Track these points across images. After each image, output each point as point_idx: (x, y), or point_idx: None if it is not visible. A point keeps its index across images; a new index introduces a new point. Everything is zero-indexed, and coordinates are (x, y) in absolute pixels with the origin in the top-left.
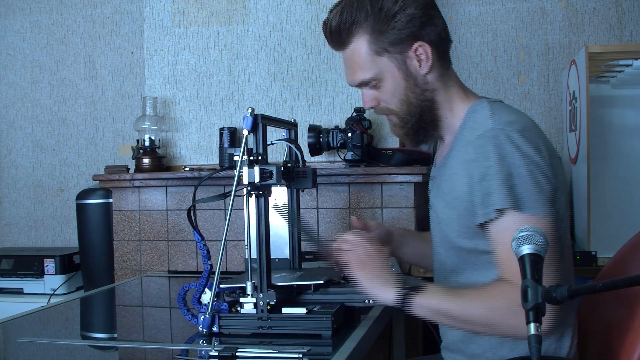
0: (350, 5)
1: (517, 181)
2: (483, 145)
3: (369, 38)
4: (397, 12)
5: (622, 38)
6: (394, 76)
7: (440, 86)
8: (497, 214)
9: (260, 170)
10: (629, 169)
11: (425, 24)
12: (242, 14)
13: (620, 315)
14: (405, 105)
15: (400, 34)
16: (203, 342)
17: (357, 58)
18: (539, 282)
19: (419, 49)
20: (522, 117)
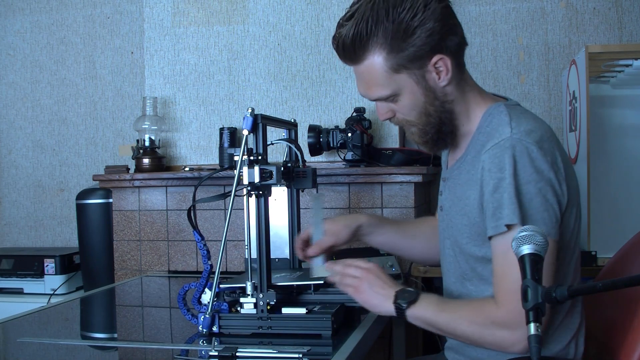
0: (364, 19)
1: (527, 198)
2: (498, 155)
3: (385, 55)
4: (417, 27)
5: (622, 38)
6: (413, 91)
7: (458, 95)
8: (507, 229)
9: (260, 170)
10: (629, 169)
11: (445, 35)
12: (242, 14)
13: (620, 315)
14: (424, 117)
15: (420, 50)
16: (203, 342)
17: (373, 74)
18: (539, 282)
19: (439, 62)
20: (540, 124)
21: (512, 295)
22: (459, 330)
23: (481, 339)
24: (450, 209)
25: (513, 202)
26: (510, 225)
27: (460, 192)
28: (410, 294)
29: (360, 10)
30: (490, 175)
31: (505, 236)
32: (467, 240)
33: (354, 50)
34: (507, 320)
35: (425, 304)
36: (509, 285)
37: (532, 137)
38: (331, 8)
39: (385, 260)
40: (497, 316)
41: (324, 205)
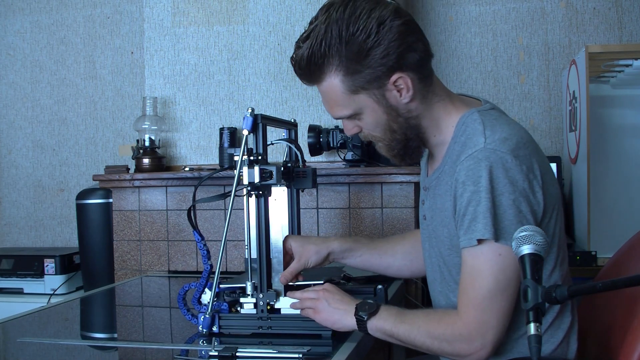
0: (318, 41)
1: (500, 210)
2: (473, 167)
3: (342, 78)
4: (371, 49)
5: (622, 38)
6: (374, 110)
7: (424, 108)
8: (478, 242)
9: (260, 170)
10: (629, 169)
11: (403, 53)
12: (242, 14)
13: (619, 315)
14: (389, 133)
15: (376, 71)
16: (203, 342)
17: (333, 95)
18: (539, 282)
19: (399, 80)
20: (515, 130)
21: (472, 307)
22: (418, 342)
23: (440, 350)
24: (433, 219)
25: (486, 216)
26: (483, 240)
27: (440, 203)
28: (370, 306)
29: (315, 31)
30: (464, 188)
31: (475, 249)
32: (449, 251)
33: (311, 72)
34: (464, 332)
35: (385, 315)
36: (472, 297)
37: (507, 146)
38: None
39: None
40: (455, 327)
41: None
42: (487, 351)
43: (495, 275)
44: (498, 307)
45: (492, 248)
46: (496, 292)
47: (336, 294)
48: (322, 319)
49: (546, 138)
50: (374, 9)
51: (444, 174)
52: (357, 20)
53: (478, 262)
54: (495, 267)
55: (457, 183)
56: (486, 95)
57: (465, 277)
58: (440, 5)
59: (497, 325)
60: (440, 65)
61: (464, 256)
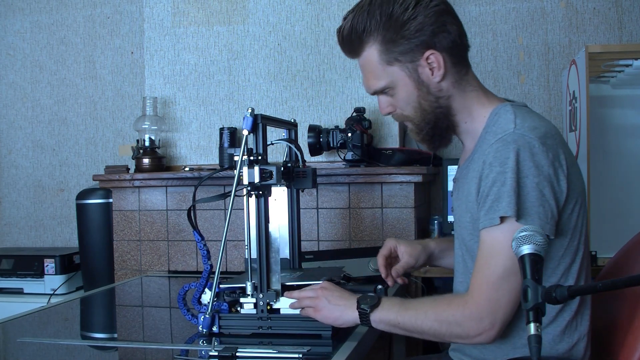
0: (361, 13)
1: (524, 192)
2: (501, 149)
3: (379, 47)
4: (407, 20)
5: (622, 38)
6: (406, 84)
7: (456, 92)
8: (499, 221)
9: (260, 170)
10: (629, 169)
11: (437, 31)
12: (242, 14)
13: (619, 316)
14: (419, 112)
15: (411, 44)
16: (203, 342)
17: (370, 66)
18: (539, 282)
19: (431, 57)
20: (546, 123)
21: (486, 285)
22: (425, 327)
23: (448, 333)
24: (459, 208)
25: (511, 195)
26: (504, 217)
27: (466, 190)
28: (372, 299)
29: (360, 4)
30: (491, 169)
31: (495, 229)
32: (470, 236)
33: (352, 43)
34: (474, 310)
35: (388, 305)
36: (487, 275)
37: (536, 133)
38: (331, 8)
39: None
40: (465, 308)
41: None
42: (495, 331)
43: (511, 255)
44: (511, 287)
45: (511, 227)
46: (511, 271)
47: (335, 291)
48: (323, 316)
49: None
50: None
51: (473, 162)
52: None
53: (497, 241)
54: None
55: (485, 165)
56: None
57: (481, 256)
58: None
59: (507, 305)
60: None
61: (483, 236)
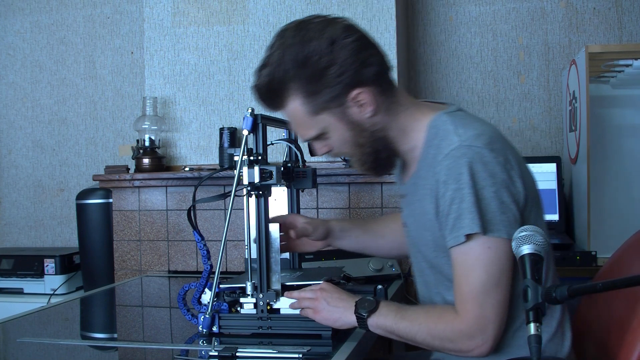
0: (275, 68)
1: (484, 203)
2: (452, 166)
3: (302, 100)
4: (325, 67)
5: (622, 38)
6: (338, 128)
7: (389, 119)
8: (466, 239)
9: (260, 170)
10: (629, 169)
11: (359, 69)
12: (242, 14)
13: (618, 315)
14: (357, 149)
15: (334, 90)
16: (203, 342)
17: (297, 118)
18: (539, 282)
19: (358, 95)
20: (486, 127)
21: (469, 304)
22: (419, 339)
23: (442, 348)
24: (413, 225)
25: (472, 210)
26: (471, 234)
27: (419, 208)
28: (370, 303)
29: (272, 58)
30: (446, 187)
31: (464, 246)
32: (435, 254)
33: (272, 99)
34: (464, 328)
35: (385, 312)
36: (466, 293)
37: (481, 141)
38: (331, 8)
39: (385, 260)
40: (454, 325)
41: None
42: (489, 345)
43: (486, 269)
44: (494, 300)
45: (480, 242)
46: (490, 285)
47: (334, 292)
48: (322, 318)
49: (546, 138)
50: (325, 28)
51: (420, 179)
52: (309, 42)
53: (468, 258)
54: (486, 260)
55: (438, 183)
56: (486, 95)
57: (457, 275)
58: (440, 5)
59: (495, 318)
60: (440, 65)
61: (454, 255)
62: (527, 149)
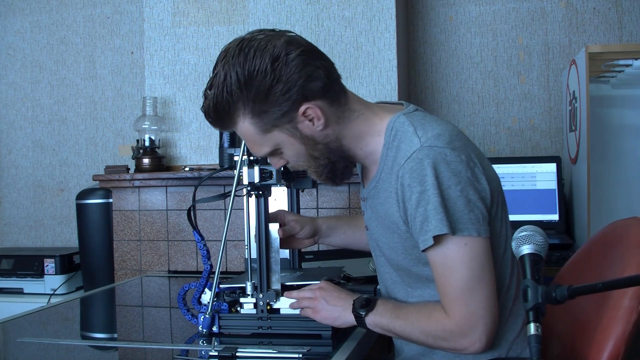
0: (221, 89)
1: (450, 203)
2: (416, 168)
3: (251, 120)
4: (270, 87)
5: (622, 38)
6: (291, 143)
7: (342, 128)
8: (435, 240)
9: (260, 170)
10: (629, 169)
11: (305, 84)
12: (242, 14)
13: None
14: (312, 161)
15: (282, 107)
16: (203, 342)
17: (248, 137)
18: (539, 282)
19: (307, 110)
20: (445, 125)
21: (455, 303)
22: (414, 337)
23: (437, 346)
24: (377, 228)
25: (439, 211)
26: (439, 235)
27: (382, 211)
28: (367, 301)
29: (216, 79)
30: (411, 190)
31: (437, 248)
32: (403, 256)
33: (221, 120)
34: (455, 328)
35: (381, 310)
36: (451, 293)
37: (442, 140)
38: (331, 8)
39: None
40: (446, 325)
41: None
42: (483, 342)
43: (467, 266)
44: (480, 296)
45: (455, 241)
46: (474, 281)
47: (333, 291)
48: (321, 317)
49: (546, 138)
50: (266, 46)
51: (381, 182)
52: (251, 61)
53: (447, 258)
54: (465, 258)
55: (403, 187)
56: (486, 95)
57: (439, 276)
58: (440, 5)
59: (485, 314)
60: (440, 65)
61: (431, 257)
62: (527, 149)
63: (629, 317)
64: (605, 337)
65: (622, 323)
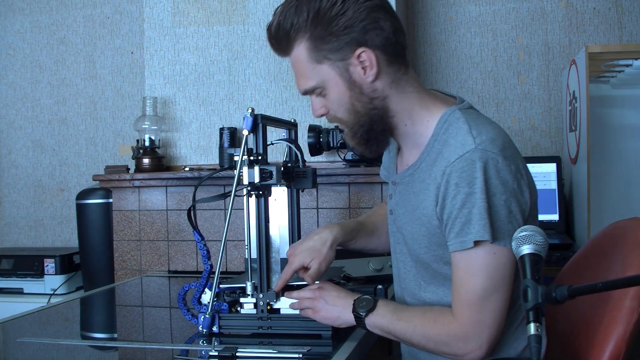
0: (289, 9)
1: (494, 211)
2: (466, 169)
3: (307, 45)
4: (335, 16)
5: (622, 38)
6: (337, 84)
7: (393, 93)
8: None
9: (260, 170)
10: (629, 169)
11: (369, 28)
12: (242, 14)
13: (587, 315)
14: (352, 114)
15: (340, 41)
16: (203, 342)
17: (299, 65)
18: (539, 282)
19: (362, 55)
20: (498, 131)
21: (467, 308)
22: (414, 340)
23: (436, 351)
24: (404, 215)
25: (483, 217)
26: (479, 241)
27: (415, 202)
28: (367, 302)
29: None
30: (457, 190)
31: (470, 251)
32: (426, 250)
33: (281, 40)
34: (459, 332)
35: (382, 311)
36: (466, 297)
37: (496, 146)
38: None
39: (385, 260)
40: (450, 328)
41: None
42: (483, 350)
43: (490, 274)
44: (493, 306)
45: (486, 249)
46: (492, 290)
47: (332, 291)
48: (321, 317)
49: (546, 138)
50: None
51: (420, 171)
52: None
53: (473, 264)
54: (490, 266)
55: (448, 185)
56: (486, 95)
57: (459, 279)
58: (440, 5)
59: (492, 324)
60: (440, 65)
61: (456, 258)
62: (527, 149)
63: (629, 318)
64: (606, 338)
65: (623, 324)
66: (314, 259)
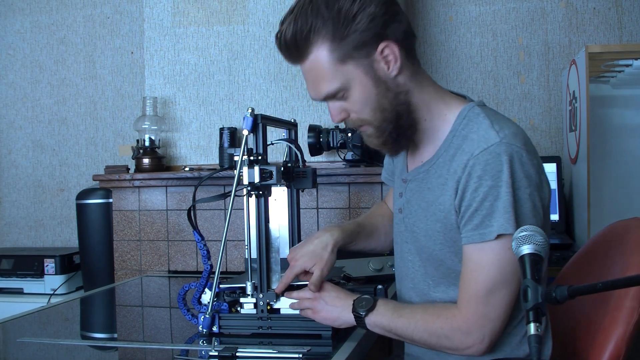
0: (304, 12)
1: (519, 204)
2: (492, 162)
3: (329, 45)
4: (357, 12)
5: (622, 38)
6: (363, 83)
7: (413, 86)
8: (494, 237)
9: (260, 170)
10: (629, 169)
11: (389, 21)
12: (242, 14)
13: (588, 315)
14: (379, 112)
15: (364, 36)
16: (203, 342)
17: (319, 69)
18: (539, 282)
19: (385, 49)
20: (517, 126)
21: (474, 300)
22: (416, 337)
23: (438, 345)
24: (416, 212)
25: (508, 210)
26: (502, 234)
27: (430, 197)
28: (367, 302)
29: (299, 4)
30: (480, 182)
31: (487, 244)
32: (441, 246)
33: (297, 47)
34: (462, 324)
35: (382, 310)
36: (474, 290)
37: (519, 140)
38: None
39: (385, 260)
40: (453, 321)
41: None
42: (484, 345)
43: (501, 268)
44: (500, 300)
45: (503, 242)
46: (501, 285)
47: (332, 291)
48: (321, 317)
49: (546, 138)
50: None
51: (436, 167)
52: None
53: (486, 256)
54: (503, 260)
55: (470, 177)
56: (486, 95)
57: (468, 271)
58: (440, 5)
59: (496, 318)
60: (440, 65)
61: (469, 250)
62: None
63: (630, 318)
64: (607, 338)
65: (623, 324)
66: (316, 264)
